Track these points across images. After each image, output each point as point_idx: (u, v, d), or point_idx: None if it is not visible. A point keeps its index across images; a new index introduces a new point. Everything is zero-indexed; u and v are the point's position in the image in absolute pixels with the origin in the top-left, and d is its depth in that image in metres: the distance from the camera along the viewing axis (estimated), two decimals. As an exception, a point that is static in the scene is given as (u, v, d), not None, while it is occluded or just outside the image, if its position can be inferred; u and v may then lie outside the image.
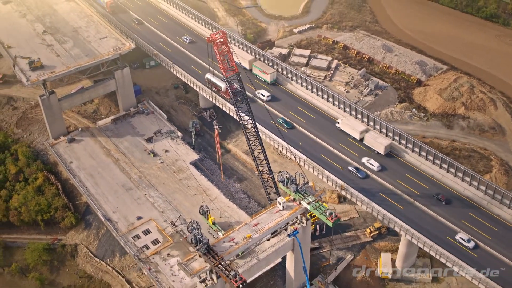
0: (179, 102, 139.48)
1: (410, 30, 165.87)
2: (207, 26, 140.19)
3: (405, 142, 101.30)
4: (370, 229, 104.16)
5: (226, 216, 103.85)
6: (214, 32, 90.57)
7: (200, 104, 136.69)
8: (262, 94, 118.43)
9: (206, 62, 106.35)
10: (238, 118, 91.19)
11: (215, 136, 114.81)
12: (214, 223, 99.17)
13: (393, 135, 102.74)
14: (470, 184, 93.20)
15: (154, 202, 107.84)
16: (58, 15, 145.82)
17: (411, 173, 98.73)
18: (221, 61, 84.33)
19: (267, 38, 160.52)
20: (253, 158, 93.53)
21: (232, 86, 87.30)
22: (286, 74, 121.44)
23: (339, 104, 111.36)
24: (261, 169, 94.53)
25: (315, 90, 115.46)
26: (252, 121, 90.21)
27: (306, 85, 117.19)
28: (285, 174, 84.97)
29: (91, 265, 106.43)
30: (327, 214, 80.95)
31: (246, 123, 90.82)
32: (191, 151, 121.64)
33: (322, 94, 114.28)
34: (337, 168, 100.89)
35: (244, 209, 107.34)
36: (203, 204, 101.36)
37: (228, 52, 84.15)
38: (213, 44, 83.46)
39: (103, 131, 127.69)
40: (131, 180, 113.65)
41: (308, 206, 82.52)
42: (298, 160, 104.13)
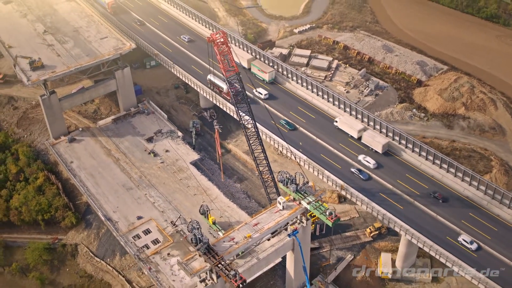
0: (180, 102, 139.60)
1: (411, 30, 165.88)
2: (208, 26, 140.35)
3: (405, 142, 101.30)
4: (370, 229, 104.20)
5: (226, 216, 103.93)
6: (215, 32, 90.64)
7: (200, 104, 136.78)
8: (260, 92, 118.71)
9: (207, 62, 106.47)
10: (238, 118, 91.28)
11: (215, 136, 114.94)
12: (214, 223, 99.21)
13: (393, 135, 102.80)
14: (470, 184, 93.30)
15: (154, 202, 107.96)
16: (58, 15, 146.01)
17: (411, 173, 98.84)
18: (221, 61, 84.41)
19: (268, 38, 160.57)
20: (253, 158, 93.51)
21: (232, 87, 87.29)
22: (287, 74, 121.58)
23: (339, 104, 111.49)
24: (261, 169, 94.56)
25: (315, 90, 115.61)
26: (252, 121, 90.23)
27: (306, 85, 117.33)
28: (285, 174, 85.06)
29: (92, 264, 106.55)
30: (327, 214, 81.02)
31: (246, 123, 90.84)
32: (192, 151, 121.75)
33: (323, 94, 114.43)
34: (337, 168, 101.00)
35: (244, 209, 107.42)
36: (203, 204, 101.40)
37: (228, 52, 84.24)
38: (213, 44, 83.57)
39: (104, 131, 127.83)
40: (132, 180, 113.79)
41: (308, 206, 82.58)
42: (298, 160, 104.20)
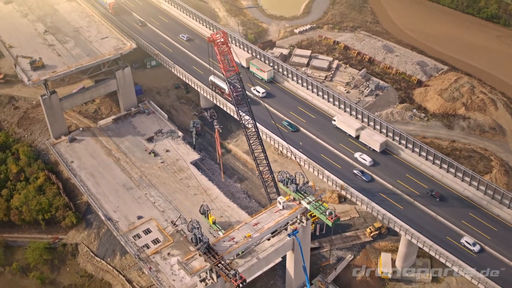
0: (180, 102, 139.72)
1: (411, 30, 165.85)
2: (208, 26, 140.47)
3: (404, 142, 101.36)
4: (370, 229, 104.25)
5: (226, 215, 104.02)
6: (215, 32, 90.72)
7: (201, 104, 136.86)
8: (257, 91, 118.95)
9: (207, 62, 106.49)
10: (238, 118, 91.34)
11: (216, 136, 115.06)
12: (214, 223, 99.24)
13: (393, 135, 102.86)
14: (470, 184, 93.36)
15: (154, 202, 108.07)
16: (59, 15, 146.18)
17: (411, 173, 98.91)
18: (221, 61, 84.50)
19: (268, 39, 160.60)
20: (253, 158, 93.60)
21: (233, 87, 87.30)
22: (287, 74, 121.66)
23: (340, 104, 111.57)
24: (261, 168, 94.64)
25: (316, 90, 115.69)
26: (252, 121, 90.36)
27: (306, 85, 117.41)
28: (285, 173, 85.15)
29: (92, 264, 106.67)
30: (327, 213, 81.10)
31: (246, 123, 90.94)
32: (192, 151, 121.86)
33: (323, 94, 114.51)
34: (337, 168, 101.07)
35: (244, 208, 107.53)
36: (204, 203, 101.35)
37: (228, 52, 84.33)
38: (213, 44, 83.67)
39: (104, 131, 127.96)
40: (132, 179, 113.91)
41: (308, 206, 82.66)
42: (299, 160, 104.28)
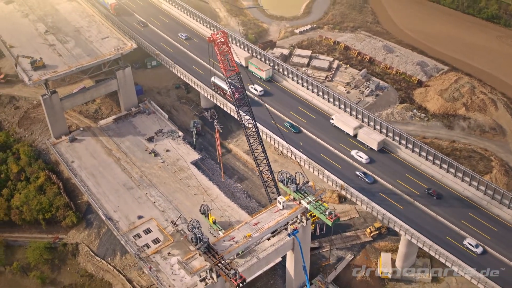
0: (181, 102, 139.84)
1: (411, 31, 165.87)
2: (209, 27, 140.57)
3: (405, 142, 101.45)
4: (370, 229, 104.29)
5: (226, 215, 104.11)
6: (215, 32, 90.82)
7: (201, 104, 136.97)
8: (255, 89, 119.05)
9: (207, 62, 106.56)
10: (238, 118, 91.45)
11: (216, 135, 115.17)
12: (214, 223, 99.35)
13: (393, 135, 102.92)
14: (470, 184, 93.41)
15: (155, 202, 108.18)
16: (60, 15, 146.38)
17: (411, 172, 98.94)
18: (221, 61, 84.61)
19: (269, 39, 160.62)
20: (253, 158, 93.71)
21: (233, 87, 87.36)
22: (287, 74, 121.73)
23: (340, 104, 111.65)
24: (261, 168, 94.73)
25: (316, 90, 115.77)
26: (252, 120, 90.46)
27: (307, 85, 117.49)
28: (285, 173, 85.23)
29: (92, 264, 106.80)
30: (327, 213, 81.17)
31: (246, 123, 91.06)
32: (192, 151, 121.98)
33: (323, 94, 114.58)
34: (337, 168, 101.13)
35: (244, 208, 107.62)
36: (204, 203, 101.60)
37: (229, 51, 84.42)
38: (214, 44, 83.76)
39: (105, 131, 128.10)
40: (132, 179, 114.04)
41: (308, 206, 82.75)
42: (299, 160, 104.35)
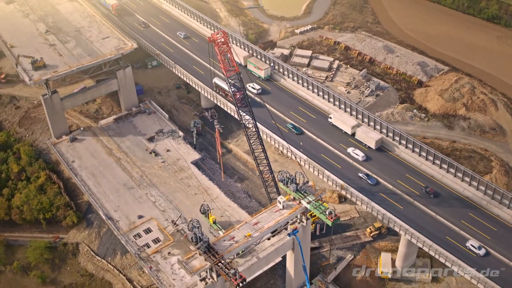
0: (181, 102, 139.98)
1: (412, 31, 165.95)
2: (209, 27, 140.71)
3: (405, 142, 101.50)
4: (370, 229, 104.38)
5: (226, 215, 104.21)
6: (215, 32, 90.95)
7: (201, 104, 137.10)
8: (253, 87, 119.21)
9: (208, 62, 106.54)
10: (239, 117, 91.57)
11: (216, 135, 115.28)
12: (214, 222, 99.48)
13: (393, 135, 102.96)
14: (470, 184, 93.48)
15: (155, 201, 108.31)
16: (60, 15, 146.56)
17: (411, 172, 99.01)
18: (222, 61, 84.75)
19: (269, 39, 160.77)
20: (253, 158, 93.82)
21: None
22: (287, 74, 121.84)
23: (340, 104, 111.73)
24: (261, 168, 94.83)
25: (316, 90, 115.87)
26: (253, 120, 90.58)
27: (307, 85, 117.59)
28: (285, 173, 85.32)
29: (93, 263, 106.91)
30: (327, 213, 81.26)
31: (247, 123, 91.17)
32: (192, 151, 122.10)
33: (323, 94, 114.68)
34: (337, 168, 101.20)
35: (244, 208, 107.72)
36: (204, 203, 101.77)
37: (229, 51, 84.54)
38: (214, 44, 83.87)
39: (105, 131, 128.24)
40: (133, 179, 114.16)
41: (308, 206, 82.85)
42: (299, 160, 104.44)
